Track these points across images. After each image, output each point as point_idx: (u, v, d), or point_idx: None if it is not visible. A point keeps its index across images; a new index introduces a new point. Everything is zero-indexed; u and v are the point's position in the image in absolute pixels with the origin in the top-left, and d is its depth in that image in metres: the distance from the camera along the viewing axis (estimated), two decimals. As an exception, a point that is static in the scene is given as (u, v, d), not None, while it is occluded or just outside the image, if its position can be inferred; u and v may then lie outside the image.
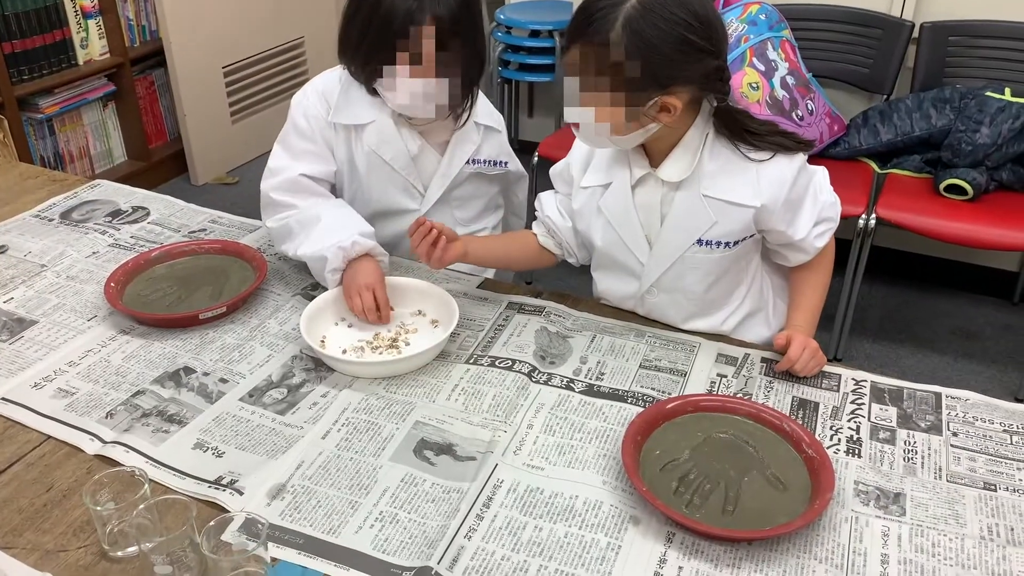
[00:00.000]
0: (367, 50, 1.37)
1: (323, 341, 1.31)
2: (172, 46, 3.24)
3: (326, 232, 1.40)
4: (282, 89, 3.79)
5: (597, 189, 1.33)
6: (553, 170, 1.43)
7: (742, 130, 1.24)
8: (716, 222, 1.25)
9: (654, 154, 1.27)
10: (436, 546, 0.97)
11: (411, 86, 1.35)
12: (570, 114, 1.21)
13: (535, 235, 1.47)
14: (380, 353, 1.30)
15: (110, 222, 1.68)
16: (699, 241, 1.27)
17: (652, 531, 1.00)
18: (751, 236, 1.29)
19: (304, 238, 1.42)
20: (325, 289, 1.40)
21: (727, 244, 1.28)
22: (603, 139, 1.23)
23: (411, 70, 1.34)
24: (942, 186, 2.28)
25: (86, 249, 1.59)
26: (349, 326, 1.36)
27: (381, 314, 1.34)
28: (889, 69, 2.54)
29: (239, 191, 3.47)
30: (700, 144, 1.24)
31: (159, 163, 3.49)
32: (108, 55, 3.24)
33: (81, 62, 3.16)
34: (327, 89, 1.49)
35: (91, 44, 3.17)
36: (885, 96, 2.57)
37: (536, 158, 2.55)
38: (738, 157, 1.24)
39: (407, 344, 1.32)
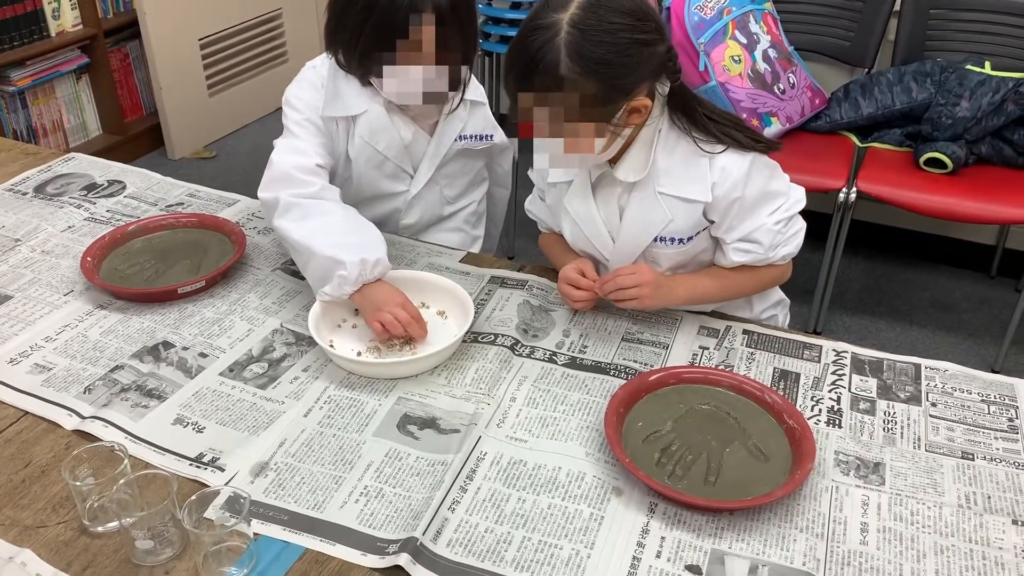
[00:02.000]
0: (366, 43, 1.32)
1: (331, 344, 1.25)
2: (147, 17, 3.17)
3: (352, 234, 1.30)
4: (260, 62, 3.73)
5: (562, 186, 1.33)
6: (530, 172, 1.43)
7: (698, 116, 1.21)
8: (672, 219, 1.24)
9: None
10: (421, 517, 0.97)
11: (411, 76, 1.32)
12: (541, 146, 1.18)
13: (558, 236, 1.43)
14: (398, 349, 1.25)
15: (85, 196, 1.65)
16: (656, 238, 1.27)
17: (635, 502, 1.01)
18: (704, 229, 1.28)
19: (319, 226, 1.29)
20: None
21: (681, 240, 1.27)
22: (582, 164, 1.23)
23: (411, 59, 1.30)
24: (922, 159, 2.29)
25: (61, 223, 1.56)
26: (353, 327, 1.31)
27: (420, 326, 1.26)
28: (870, 42, 2.53)
29: (216, 165, 3.43)
30: (654, 139, 1.23)
31: (135, 137, 3.43)
32: (81, 26, 3.17)
33: (53, 33, 3.09)
34: (322, 82, 1.43)
35: (63, 15, 3.10)
36: (866, 69, 2.57)
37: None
38: (691, 150, 1.22)
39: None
